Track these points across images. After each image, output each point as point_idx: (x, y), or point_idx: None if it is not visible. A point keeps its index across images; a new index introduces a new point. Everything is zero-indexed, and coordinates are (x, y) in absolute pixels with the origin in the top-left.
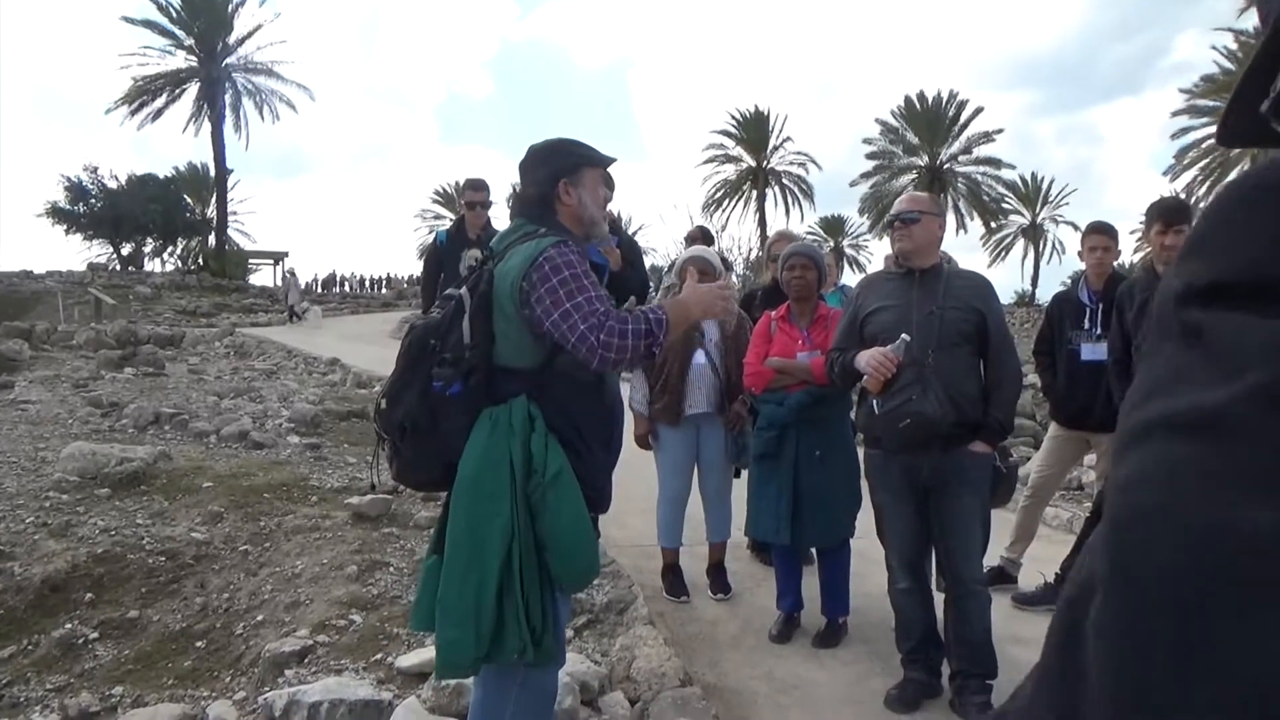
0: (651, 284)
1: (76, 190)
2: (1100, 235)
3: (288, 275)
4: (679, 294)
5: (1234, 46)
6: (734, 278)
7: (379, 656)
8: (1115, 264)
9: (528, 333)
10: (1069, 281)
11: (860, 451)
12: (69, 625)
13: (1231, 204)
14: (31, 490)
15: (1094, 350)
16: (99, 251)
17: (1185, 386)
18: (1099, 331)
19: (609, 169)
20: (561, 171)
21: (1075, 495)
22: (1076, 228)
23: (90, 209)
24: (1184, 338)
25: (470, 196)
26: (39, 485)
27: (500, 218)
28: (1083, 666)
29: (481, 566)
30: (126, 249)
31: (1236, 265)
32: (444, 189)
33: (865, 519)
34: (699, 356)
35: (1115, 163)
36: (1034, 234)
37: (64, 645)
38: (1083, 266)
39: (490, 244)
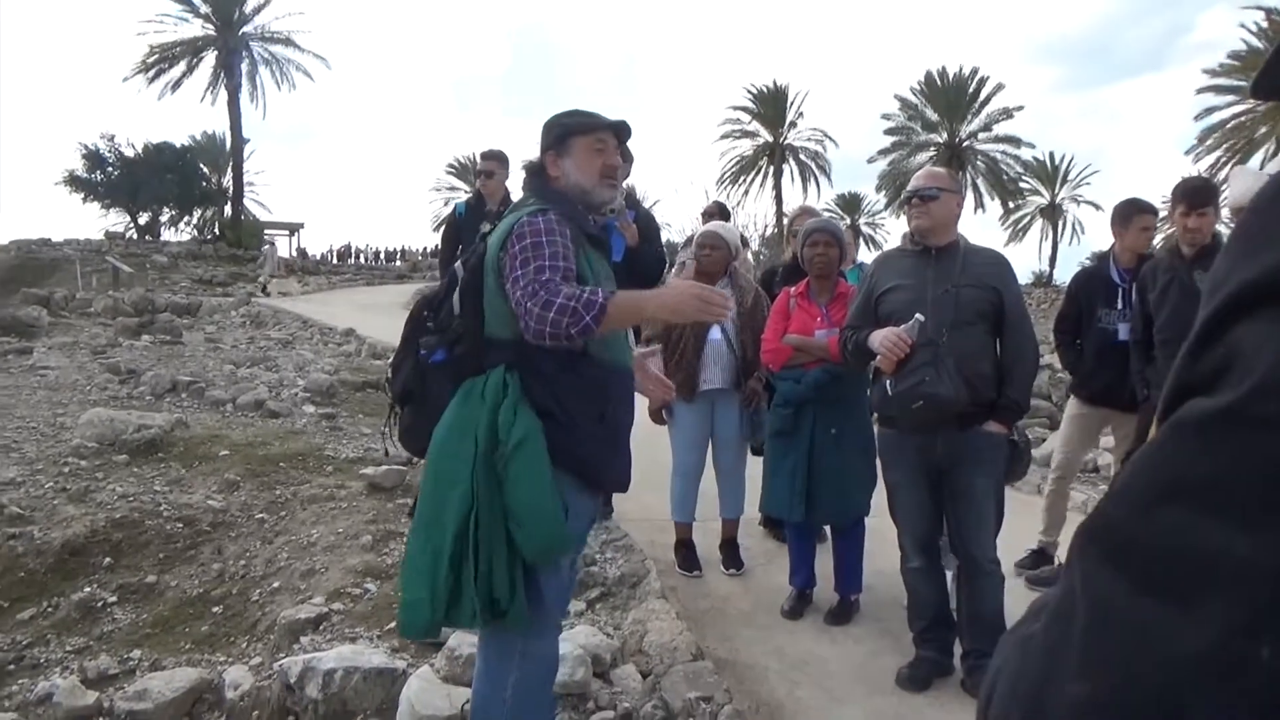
0: (668, 259)
1: (94, 159)
2: (1151, 215)
3: (267, 246)
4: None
5: (1265, 25)
6: (749, 255)
7: (393, 625)
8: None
9: (507, 303)
10: (1086, 261)
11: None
12: (88, 589)
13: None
14: (51, 455)
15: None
16: (116, 220)
17: (1204, 392)
18: (1131, 308)
19: (628, 144)
20: (548, 145)
21: (1091, 478)
22: (1098, 208)
23: (107, 177)
24: (1211, 333)
25: (483, 165)
26: (58, 451)
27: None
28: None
29: (441, 532)
30: (143, 218)
31: (1269, 265)
32: (459, 161)
33: (879, 497)
34: (714, 332)
35: (1137, 142)
36: (1053, 214)
37: (83, 608)
38: (1106, 246)
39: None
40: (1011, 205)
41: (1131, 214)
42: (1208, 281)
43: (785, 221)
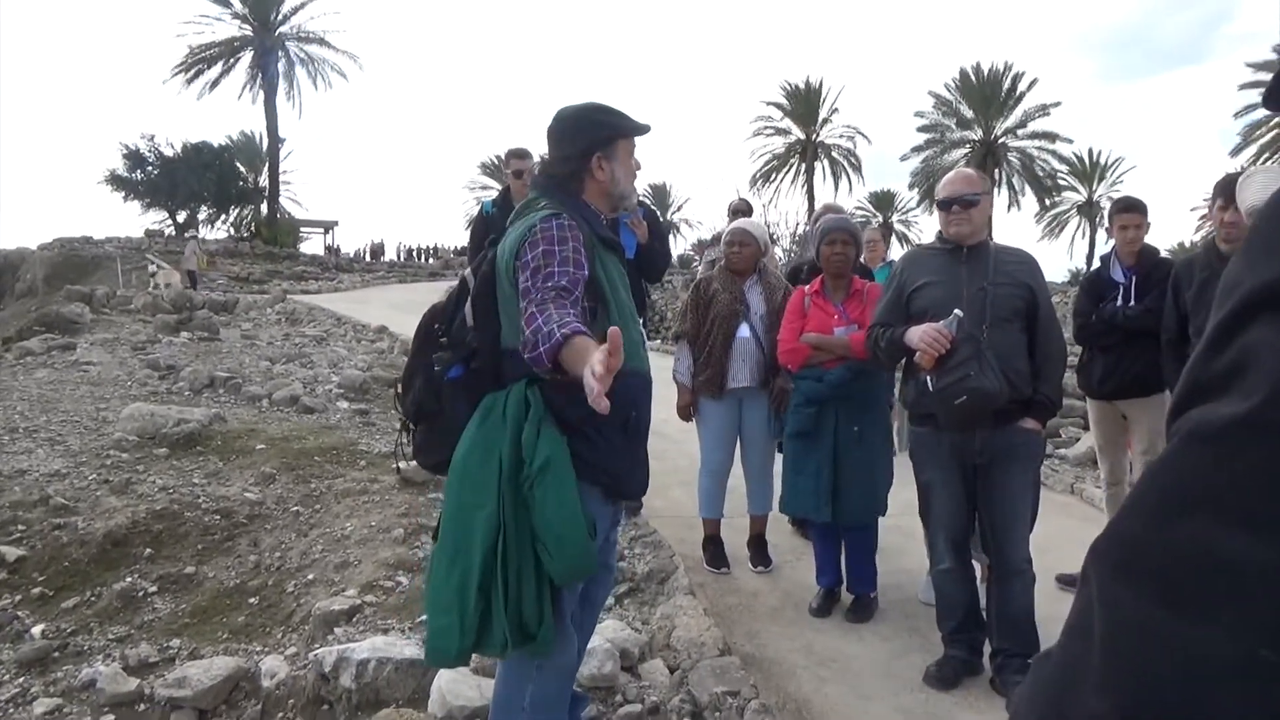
0: (697, 256)
1: (134, 158)
2: (1130, 213)
3: (189, 237)
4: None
5: None
6: (778, 253)
7: (425, 617)
8: (1189, 240)
9: None
10: (1098, 261)
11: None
12: (129, 579)
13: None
14: (93, 449)
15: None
16: (156, 218)
17: (1216, 394)
18: (1132, 305)
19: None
20: (596, 145)
21: None
22: None
23: (147, 176)
24: (1225, 335)
25: (515, 165)
26: (100, 444)
27: None
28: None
29: (467, 558)
30: (182, 216)
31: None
32: (492, 160)
33: (903, 495)
34: (743, 330)
35: (1180, 137)
36: (1090, 211)
37: (125, 598)
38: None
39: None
40: (1048, 203)
41: (1114, 213)
42: (1222, 283)
43: (810, 219)
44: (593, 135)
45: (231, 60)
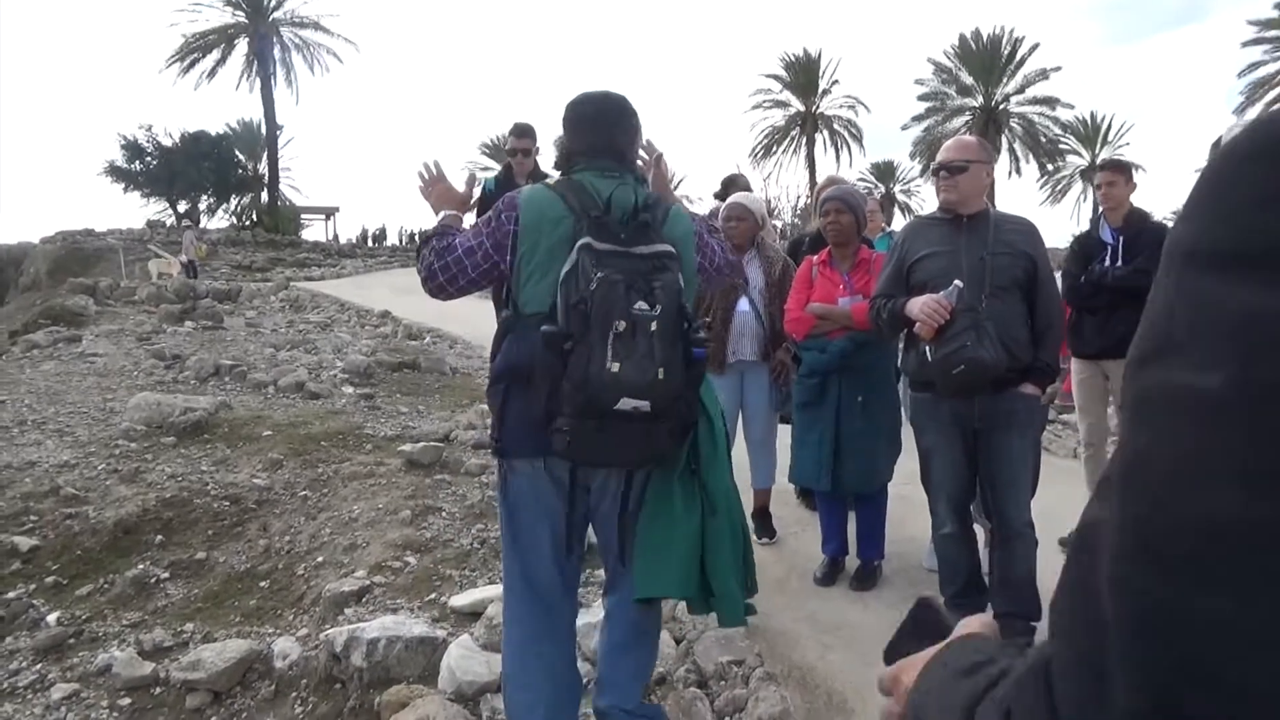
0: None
1: (133, 149)
2: (1105, 171)
3: (185, 227)
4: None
5: None
6: (776, 225)
7: (433, 596)
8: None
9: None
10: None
11: (902, 395)
12: (141, 566)
13: (1220, 166)
14: (102, 439)
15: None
16: (157, 209)
17: (1177, 355)
18: (1119, 265)
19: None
20: (639, 132)
21: None
22: (1139, 168)
23: (146, 167)
24: (1177, 289)
25: (514, 144)
26: (109, 434)
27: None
28: (1095, 586)
29: (736, 523)
30: (182, 206)
31: (1220, 230)
32: (492, 140)
33: (909, 464)
34: (743, 304)
35: (1182, 97)
36: (1093, 175)
37: (138, 584)
38: (1148, 206)
39: (644, 206)
40: (1050, 168)
41: (1097, 173)
42: (1164, 247)
43: (814, 192)
44: (632, 122)
45: (227, 48)
